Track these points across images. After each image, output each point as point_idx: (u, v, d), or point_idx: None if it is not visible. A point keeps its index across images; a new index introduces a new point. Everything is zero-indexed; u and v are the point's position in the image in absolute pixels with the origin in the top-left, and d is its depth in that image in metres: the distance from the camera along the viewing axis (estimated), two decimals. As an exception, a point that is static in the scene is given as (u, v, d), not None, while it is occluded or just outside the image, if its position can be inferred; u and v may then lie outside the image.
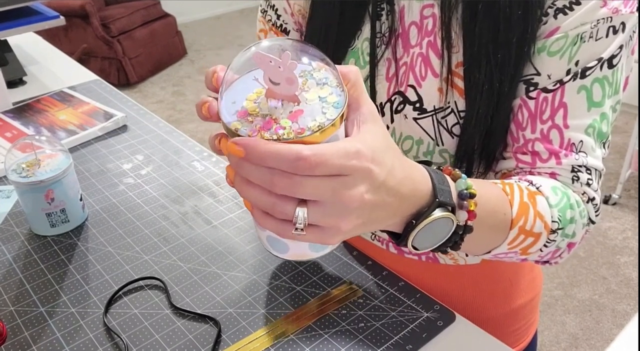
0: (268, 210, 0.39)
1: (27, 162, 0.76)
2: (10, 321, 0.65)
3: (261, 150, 0.37)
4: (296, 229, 0.39)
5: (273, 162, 0.37)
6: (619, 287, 2.02)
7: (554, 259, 0.60)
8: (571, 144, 0.57)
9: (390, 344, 0.60)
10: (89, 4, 3.39)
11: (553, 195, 0.55)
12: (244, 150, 0.37)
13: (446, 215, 0.45)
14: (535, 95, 0.57)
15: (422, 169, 0.46)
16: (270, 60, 0.37)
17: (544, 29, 0.56)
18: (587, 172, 0.57)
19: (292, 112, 0.39)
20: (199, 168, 0.94)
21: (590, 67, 0.55)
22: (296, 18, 0.70)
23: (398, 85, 0.63)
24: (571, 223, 0.56)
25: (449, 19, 0.58)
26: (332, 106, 0.40)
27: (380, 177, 0.40)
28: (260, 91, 0.41)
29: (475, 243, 0.54)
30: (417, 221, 0.45)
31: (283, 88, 0.38)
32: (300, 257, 0.47)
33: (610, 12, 0.54)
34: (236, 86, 0.42)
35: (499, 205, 0.52)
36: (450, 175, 0.49)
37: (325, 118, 0.39)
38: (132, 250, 0.75)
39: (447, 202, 0.45)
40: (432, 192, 0.45)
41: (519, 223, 0.53)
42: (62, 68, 1.37)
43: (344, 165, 0.38)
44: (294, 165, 0.36)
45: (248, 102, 0.40)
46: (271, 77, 0.38)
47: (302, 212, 0.39)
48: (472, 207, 0.47)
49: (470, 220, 0.48)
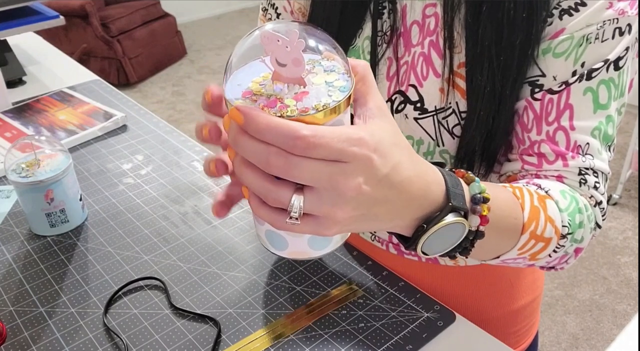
0: (263, 196, 0.38)
1: (27, 162, 0.76)
2: (10, 321, 0.64)
3: (260, 121, 0.35)
4: (290, 218, 0.38)
5: (270, 136, 0.35)
6: (619, 287, 2.02)
7: (560, 265, 0.59)
8: (577, 146, 0.56)
9: (390, 344, 0.60)
10: (89, 4, 3.39)
11: (562, 199, 0.54)
12: (244, 118, 0.36)
13: (459, 221, 0.43)
14: (541, 96, 0.57)
15: (435, 171, 0.44)
16: (278, 39, 0.37)
17: (549, 30, 0.56)
18: (594, 175, 0.57)
19: (297, 94, 0.38)
20: (199, 168, 0.94)
21: (596, 69, 0.55)
22: (296, 16, 0.70)
23: (399, 85, 0.63)
24: (580, 227, 0.55)
25: (451, 19, 0.58)
26: (339, 90, 0.39)
27: (383, 169, 0.38)
28: (267, 75, 0.40)
29: (485, 249, 0.52)
30: (428, 225, 0.43)
31: (289, 70, 0.38)
32: (300, 255, 0.46)
33: (616, 13, 0.54)
34: (242, 71, 0.41)
35: (511, 209, 0.51)
36: (464, 177, 0.47)
37: (330, 100, 0.38)
38: (132, 250, 0.75)
39: (460, 206, 0.43)
40: (445, 196, 0.43)
41: (530, 228, 0.52)
42: (61, 68, 1.36)
43: (343, 150, 0.36)
44: (291, 143, 0.35)
45: (254, 84, 0.40)
46: (278, 58, 0.38)
47: (298, 200, 0.37)
48: (485, 212, 0.45)
49: (483, 225, 0.46)
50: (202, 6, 5.03)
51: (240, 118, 0.36)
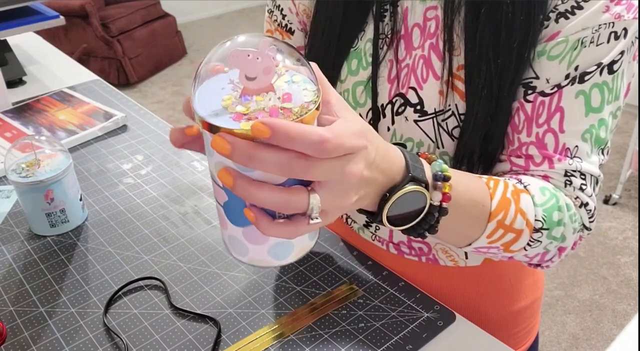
0: (281, 208, 0.39)
1: (27, 162, 0.76)
2: (10, 321, 0.64)
3: (291, 129, 0.36)
4: (312, 219, 0.40)
5: (301, 142, 0.36)
6: (619, 287, 2.02)
7: (544, 263, 0.60)
8: (566, 149, 0.57)
9: (390, 344, 0.60)
10: (89, 4, 3.39)
11: (540, 195, 0.55)
12: (271, 130, 0.36)
13: (419, 189, 0.46)
14: (533, 98, 0.57)
15: (396, 148, 0.47)
16: (249, 54, 0.37)
17: (545, 33, 0.56)
18: (581, 177, 0.57)
19: (281, 98, 0.39)
20: (199, 168, 0.94)
21: (589, 72, 0.55)
22: (301, 17, 0.70)
23: (399, 87, 0.63)
24: (559, 225, 0.56)
25: (451, 21, 0.58)
26: (306, 88, 0.40)
27: (372, 154, 0.42)
28: (230, 97, 0.39)
29: (452, 231, 0.54)
30: (390, 194, 0.46)
31: (259, 81, 0.38)
32: (259, 263, 0.45)
33: (612, 17, 0.54)
34: (209, 82, 0.41)
35: (478, 196, 0.53)
36: (426, 158, 0.51)
37: (309, 98, 0.39)
38: (132, 250, 0.75)
39: (420, 177, 0.46)
40: (405, 169, 0.47)
41: (497, 217, 0.54)
42: (62, 68, 1.36)
43: (354, 145, 0.39)
44: (320, 146, 0.37)
45: (225, 102, 0.39)
46: (247, 72, 0.38)
47: (315, 199, 0.39)
48: (447, 189, 0.48)
49: (445, 202, 0.48)
50: (202, 6, 5.03)
51: (266, 131, 0.36)
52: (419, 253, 0.71)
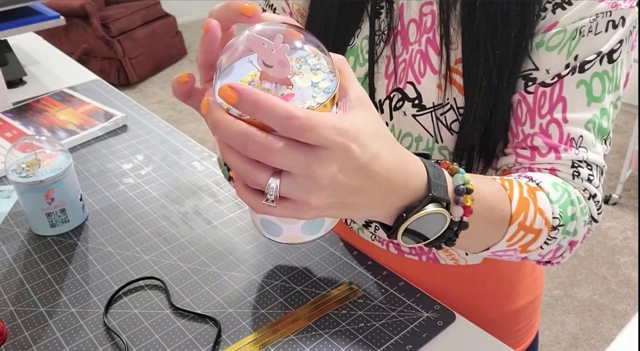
0: (243, 177, 0.39)
1: (27, 162, 0.76)
2: (10, 321, 0.65)
3: (259, 97, 0.35)
4: (267, 200, 0.38)
5: (266, 112, 0.35)
6: (619, 287, 2.02)
7: (555, 259, 0.59)
8: (571, 139, 0.56)
9: (390, 344, 0.60)
10: (89, 4, 3.39)
11: (554, 191, 0.54)
12: (238, 95, 0.36)
13: (439, 211, 0.44)
14: (534, 89, 0.57)
15: (418, 162, 0.45)
16: (264, 43, 0.38)
17: (543, 24, 0.56)
18: (587, 167, 0.57)
19: (283, 95, 0.39)
20: (199, 168, 0.94)
21: (589, 61, 0.55)
22: (295, 17, 0.70)
23: (397, 82, 0.63)
24: (572, 219, 0.55)
25: (447, 15, 0.58)
26: (324, 91, 0.40)
27: (361, 159, 0.38)
28: (255, 74, 0.41)
29: (472, 240, 0.53)
30: (407, 215, 0.44)
31: (276, 71, 0.39)
32: (294, 239, 0.47)
33: (609, 6, 0.54)
34: (231, 70, 0.42)
35: (498, 201, 0.51)
36: (448, 169, 0.48)
37: (315, 103, 0.39)
38: (132, 250, 0.75)
39: (441, 197, 0.44)
40: (426, 186, 0.44)
41: (518, 219, 0.52)
42: (62, 68, 1.37)
43: (330, 138, 0.36)
44: (286, 122, 0.35)
45: (243, 83, 0.40)
46: (264, 59, 0.38)
47: (275, 182, 0.38)
48: (469, 203, 0.46)
49: (466, 216, 0.46)
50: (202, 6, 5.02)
51: (233, 96, 0.36)
52: (419, 252, 0.71)
